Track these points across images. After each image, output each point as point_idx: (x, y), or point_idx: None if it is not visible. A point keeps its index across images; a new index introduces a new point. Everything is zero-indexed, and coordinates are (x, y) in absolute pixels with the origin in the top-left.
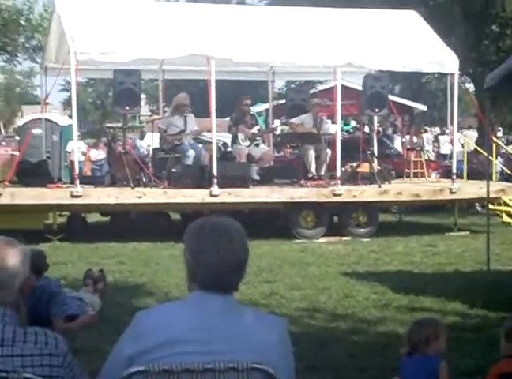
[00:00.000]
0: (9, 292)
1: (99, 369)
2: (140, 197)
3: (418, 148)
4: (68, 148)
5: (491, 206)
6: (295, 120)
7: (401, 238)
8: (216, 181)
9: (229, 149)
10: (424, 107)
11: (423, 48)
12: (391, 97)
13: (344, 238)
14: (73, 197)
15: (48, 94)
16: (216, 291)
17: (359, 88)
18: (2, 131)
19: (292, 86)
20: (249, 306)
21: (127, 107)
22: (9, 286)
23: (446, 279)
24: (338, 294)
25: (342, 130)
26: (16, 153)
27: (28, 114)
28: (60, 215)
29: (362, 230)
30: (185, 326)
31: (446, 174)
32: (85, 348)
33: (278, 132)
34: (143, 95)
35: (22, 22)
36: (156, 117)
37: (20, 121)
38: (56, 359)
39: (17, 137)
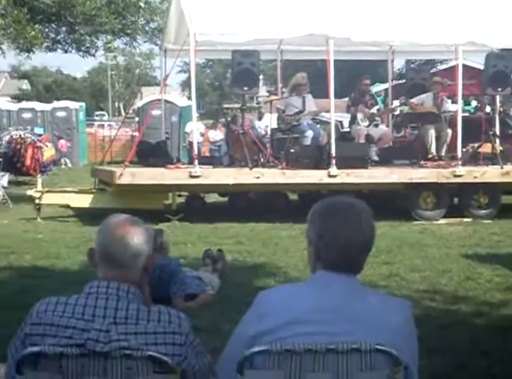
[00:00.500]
0: (133, 271)
1: (219, 349)
2: (258, 178)
3: None
4: (187, 129)
5: None
6: (414, 100)
7: None
8: (334, 161)
9: (347, 129)
10: None
11: None
12: None
13: (465, 220)
14: (191, 177)
15: (167, 75)
16: (342, 272)
17: (481, 67)
18: (122, 112)
19: (412, 65)
20: (372, 288)
21: (245, 88)
22: (134, 264)
23: None
24: (459, 276)
25: (463, 110)
26: (136, 134)
27: (148, 95)
28: (179, 196)
29: (483, 211)
30: (308, 306)
31: None
32: (205, 327)
33: (397, 112)
34: (261, 76)
35: (141, 4)
36: (274, 97)
37: (139, 103)
38: (179, 338)
39: (137, 118)
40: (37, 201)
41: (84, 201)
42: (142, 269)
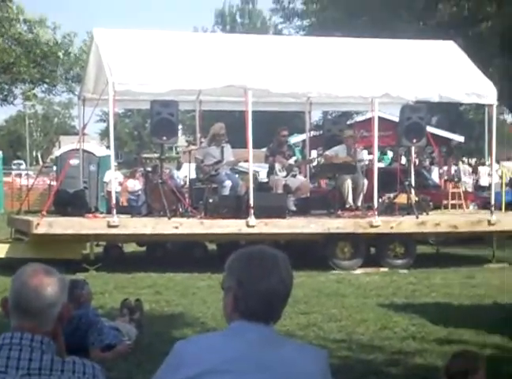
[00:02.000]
0: (47, 321)
1: None
2: (176, 228)
3: (456, 180)
4: (105, 179)
5: None
6: (328, 152)
7: (439, 269)
8: (252, 211)
9: (265, 179)
10: (462, 138)
11: (461, 78)
12: (428, 128)
13: (382, 270)
14: (110, 226)
15: (86, 124)
16: (259, 321)
17: (396, 119)
18: (40, 161)
19: (329, 117)
20: (288, 338)
21: (164, 137)
22: (48, 314)
23: (485, 312)
24: (376, 325)
25: (379, 161)
26: (54, 183)
27: (66, 144)
28: (97, 245)
29: (399, 261)
30: (224, 356)
31: (484, 205)
32: (122, 378)
33: (315, 163)
34: (180, 126)
35: (60, 55)
36: (192, 147)
37: (57, 152)
38: None
39: (55, 167)
40: None
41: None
42: (57, 319)
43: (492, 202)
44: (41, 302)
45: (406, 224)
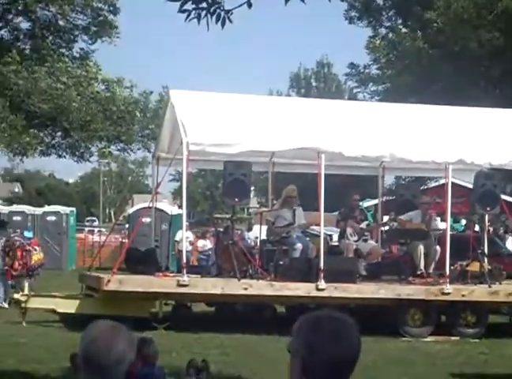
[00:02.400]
0: (113, 377)
1: None
2: (246, 289)
3: None
4: (176, 238)
5: None
6: (403, 217)
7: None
8: (322, 274)
9: (336, 243)
10: None
11: None
12: (503, 196)
13: (453, 338)
14: (179, 286)
15: (159, 183)
16: None
17: (470, 185)
18: (113, 218)
19: (402, 182)
20: None
21: (237, 199)
22: (116, 371)
23: None
24: None
25: (452, 228)
26: (126, 241)
27: (139, 202)
28: (166, 304)
29: (470, 330)
30: None
31: None
32: None
33: (387, 227)
34: (252, 187)
35: (137, 113)
36: (264, 209)
37: (130, 210)
38: None
39: (127, 225)
40: (23, 305)
41: (70, 307)
42: (124, 376)
43: None
44: (110, 359)
45: (478, 293)
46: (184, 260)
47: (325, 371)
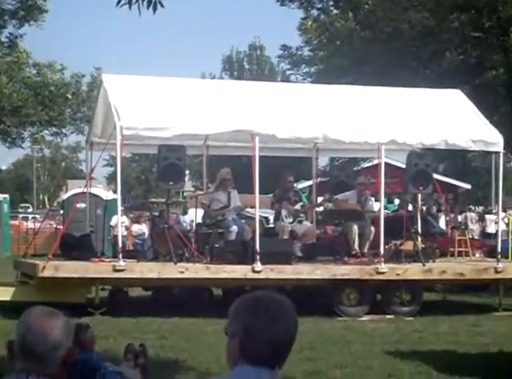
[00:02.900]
0: (52, 364)
1: None
2: (182, 272)
3: (462, 227)
4: (112, 223)
5: None
6: (339, 196)
7: (445, 317)
8: (258, 257)
9: (271, 225)
10: (468, 186)
11: (467, 126)
12: (435, 175)
13: (388, 317)
14: (115, 270)
15: (93, 169)
16: (264, 366)
17: (403, 165)
18: (47, 205)
19: (336, 163)
20: None
21: (171, 182)
22: (53, 357)
23: (491, 360)
24: (381, 372)
25: (386, 208)
26: (60, 227)
27: (73, 188)
28: (102, 289)
29: (405, 308)
30: None
31: (491, 253)
32: None
33: (321, 208)
34: (187, 171)
35: (69, 96)
36: (199, 192)
37: (64, 196)
38: None
39: (61, 211)
40: None
41: (5, 294)
42: (61, 363)
43: (499, 250)
44: (46, 345)
45: (412, 271)
46: (120, 245)
47: (264, 352)
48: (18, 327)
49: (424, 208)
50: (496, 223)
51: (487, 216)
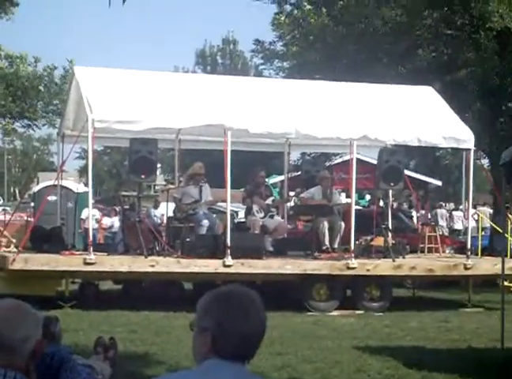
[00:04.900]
0: (20, 356)
1: None
2: (153, 266)
3: (432, 223)
4: (82, 216)
5: (506, 283)
6: (304, 194)
7: (415, 312)
8: (229, 251)
9: (242, 219)
10: (439, 183)
11: (438, 123)
12: (406, 172)
13: (357, 312)
14: (86, 264)
15: (64, 161)
16: (234, 360)
17: (375, 161)
18: (18, 197)
19: (308, 158)
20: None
21: (143, 176)
22: (21, 349)
23: (460, 356)
24: (350, 367)
25: (357, 204)
26: (31, 219)
27: (44, 180)
28: (73, 282)
29: (375, 304)
30: None
31: (460, 249)
32: None
33: (292, 203)
34: (159, 165)
35: (41, 88)
36: (171, 186)
37: (35, 188)
38: None
39: (32, 204)
40: None
41: None
42: (30, 355)
43: (468, 246)
44: (14, 337)
45: (382, 267)
46: (91, 238)
47: (236, 346)
48: None
49: (395, 204)
50: (466, 219)
51: (454, 213)
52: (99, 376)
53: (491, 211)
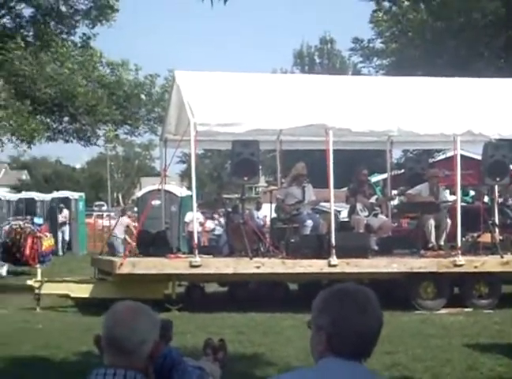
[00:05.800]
0: (139, 358)
1: None
2: (258, 267)
3: None
4: (186, 219)
5: None
6: (411, 191)
7: None
8: (334, 251)
9: (345, 219)
10: None
11: None
12: None
13: (466, 310)
14: (192, 266)
15: (168, 165)
16: (351, 358)
17: (479, 157)
18: (121, 202)
19: (410, 155)
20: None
21: (245, 178)
22: (141, 351)
23: None
24: (462, 365)
25: (462, 200)
26: (134, 224)
27: (146, 185)
28: (179, 285)
29: (484, 301)
30: None
31: None
32: None
33: (396, 201)
34: (260, 166)
35: (143, 97)
36: (273, 187)
37: (138, 193)
38: None
39: (135, 208)
40: (37, 291)
41: (84, 291)
42: (148, 357)
43: None
44: (134, 339)
45: (490, 264)
46: (195, 241)
47: (352, 344)
48: (106, 320)
49: (501, 199)
50: None
51: None
52: (210, 377)
53: None
